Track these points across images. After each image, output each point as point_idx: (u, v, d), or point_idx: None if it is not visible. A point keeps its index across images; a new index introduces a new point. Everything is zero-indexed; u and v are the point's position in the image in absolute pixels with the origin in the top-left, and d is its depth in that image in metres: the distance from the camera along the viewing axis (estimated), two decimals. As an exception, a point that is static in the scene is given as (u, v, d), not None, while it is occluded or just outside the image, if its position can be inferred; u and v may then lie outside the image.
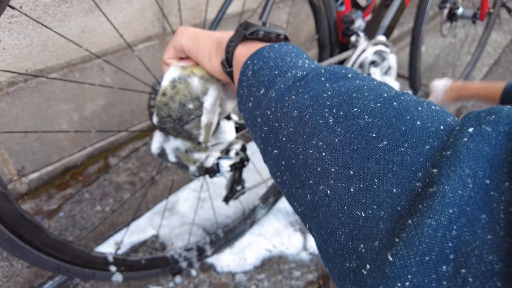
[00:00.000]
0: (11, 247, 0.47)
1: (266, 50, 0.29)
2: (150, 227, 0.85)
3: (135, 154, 1.02)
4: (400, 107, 0.20)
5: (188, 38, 0.37)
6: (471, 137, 0.16)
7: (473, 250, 0.14)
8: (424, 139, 0.18)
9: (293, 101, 0.24)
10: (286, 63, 0.28)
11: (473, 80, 1.66)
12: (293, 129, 0.23)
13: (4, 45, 0.65)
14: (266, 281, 0.79)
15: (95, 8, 0.75)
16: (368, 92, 0.22)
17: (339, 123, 0.21)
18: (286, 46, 0.30)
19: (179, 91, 0.40)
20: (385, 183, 0.18)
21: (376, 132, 0.19)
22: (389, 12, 0.82)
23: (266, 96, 0.27)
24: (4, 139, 0.75)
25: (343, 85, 0.23)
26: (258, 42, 0.32)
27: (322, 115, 0.22)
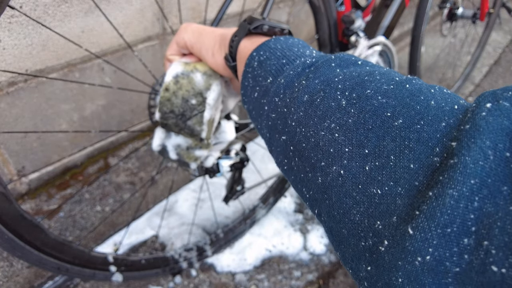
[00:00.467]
0: (11, 247, 0.47)
1: (272, 42, 0.29)
2: (148, 228, 0.85)
3: (135, 154, 1.02)
4: (413, 89, 0.20)
5: (191, 35, 0.37)
6: (489, 111, 0.16)
7: (495, 222, 0.14)
8: (440, 117, 0.18)
9: (304, 86, 0.24)
10: (293, 52, 0.28)
11: (473, 80, 1.67)
12: (303, 113, 0.23)
13: (4, 45, 0.65)
14: (266, 281, 0.79)
15: (95, 8, 0.75)
16: (380, 76, 0.22)
17: (353, 105, 0.21)
18: (292, 39, 0.30)
19: (182, 87, 0.40)
20: (402, 160, 0.17)
21: (391, 111, 0.19)
22: (389, 12, 0.82)
23: (274, 83, 0.27)
24: (4, 139, 0.75)
25: (354, 70, 0.23)
26: (262, 36, 0.32)
27: (335, 97, 0.22)
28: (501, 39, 2.12)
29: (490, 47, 1.99)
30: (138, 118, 1.03)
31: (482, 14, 1.23)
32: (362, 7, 0.78)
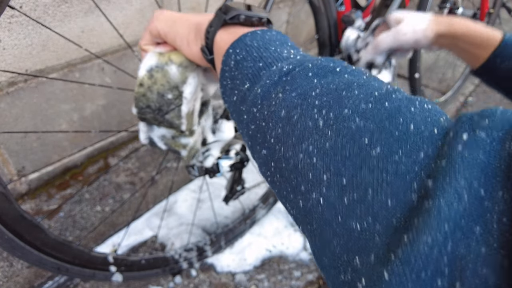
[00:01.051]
0: (11, 247, 0.47)
1: (248, 38, 0.28)
2: (147, 229, 0.85)
3: (135, 154, 1.02)
4: (392, 108, 0.19)
5: (164, 23, 0.35)
6: (465, 144, 0.16)
7: (467, 264, 0.14)
8: (419, 145, 0.17)
9: (280, 100, 0.23)
10: (270, 53, 0.26)
11: (473, 79, 1.67)
12: (281, 130, 0.22)
13: (4, 45, 0.65)
14: (266, 281, 0.79)
15: (95, 8, 0.75)
16: (359, 90, 0.21)
17: (330, 126, 0.20)
18: (270, 32, 0.28)
19: (157, 81, 0.38)
20: (379, 194, 0.17)
21: (369, 137, 0.18)
22: (389, 12, 0.82)
23: (251, 91, 0.25)
24: (4, 139, 0.75)
25: (332, 81, 0.22)
26: (239, 27, 0.30)
27: (311, 116, 0.21)
28: (501, 39, 2.12)
29: (490, 47, 1.99)
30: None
31: (482, 14, 1.23)
32: (362, 7, 0.78)
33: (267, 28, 0.29)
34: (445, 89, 1.57)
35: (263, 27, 0.31)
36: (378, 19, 0.66)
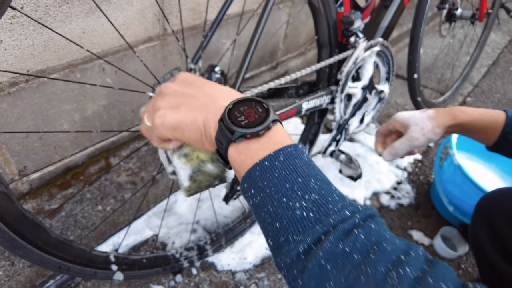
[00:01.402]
0: (12, 246, 0.47)
1: (259, 177, 0.28)
2: (147, 229, 0.85)
3: (136, 154, 1.03)
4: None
5: (172, 132, 0.34)
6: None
7: None
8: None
9: (301, 285, 0.25)
10: (283, 210, 0.27)
11: (472, 80, 1.67)
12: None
13: (6, 46, 0.66)
14: (266, 279, 0.79)
15: (96, 9, 0.76)
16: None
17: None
18: (279, 162, 0.28)
19: (202, 182, 0.40)
20: None
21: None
22: (388, 13, 0.83)
23: (276, 256, 0.27)
24: (5, 139, 0.76)
25: (342, 271, 0.24)
26: (249, 141, 0.30)
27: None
28: (500, 39, 2.12)
29: (489, 47, 2.00)
30: (139, 118, 1.04)
31: (481, 15, 1.24)
32: (361, 8, 0.78)
33: (274, 154, 0.28)
34: (444, 89, 1.57)
35: (272, 130, 0.30)
36: (378, 128, 0.72)
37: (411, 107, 1.40)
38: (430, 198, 1.06)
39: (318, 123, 0.92)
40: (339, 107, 0.81)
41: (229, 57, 1.19)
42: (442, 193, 0.95)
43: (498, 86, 1.68)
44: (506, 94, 1.62)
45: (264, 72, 1.46)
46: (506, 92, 1.63)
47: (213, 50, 1.15)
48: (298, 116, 0.91)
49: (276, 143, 0.29)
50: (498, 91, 1.64)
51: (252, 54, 0.58)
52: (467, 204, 0.88)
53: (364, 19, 0.78)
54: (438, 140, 0.54)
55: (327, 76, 0.81)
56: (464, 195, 0.88)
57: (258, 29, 0.58)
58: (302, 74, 0.64)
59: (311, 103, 0.74)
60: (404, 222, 0.98)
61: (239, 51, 1.23)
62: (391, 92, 0.90)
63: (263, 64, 1.43)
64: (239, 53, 1.23)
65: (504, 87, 1.67)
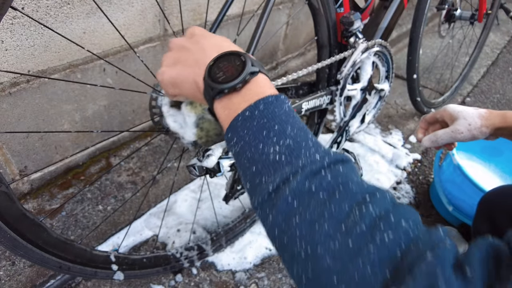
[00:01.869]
0: (13, 246, 0.47)
1: (240, 127, 0.30)
2: (147, 229, 0.85)
3: (137, 154, 1.03)
4: (355, 248, 0.23)
5: (173, 88, 0.36)
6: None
7: None
8: (372, 286, 0.22)
9: (271, 221, 0.27)
10: (259, 155, 0.28)
11: (471, 80, 1.67)
12: (278, 245, 0.27)
13: (7, 46, 0.66)
14: (266, 279, 0.79)
15: (96, 10, 0.76)
16: (328, 222, 0.25)
17: (309, 260, 0.25)
18: (258, 112, 0.29)
19: (209, 129, 0.42)
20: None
21: (336, 276, 0.23)
22: (388, 13, 0.83)
23: (252, 197, 0.29)
24: (6, 139, 0.76)
25: (308, 207, 0.26)
26: (231, 96, 0.31)
27: (296, 245, 0.26)
28: (499, 40, 2.13)
29: (488, 48, 2.00)
30: (140, 119, 1.04)
31: (480, 15, 1.24)
32: (361, 9, 0.78)
33: (254, 104, 0.30)
34: (443, 89, 1.58)
35: (251, 82, 0.32)
36: (428, 111, 0.71)
37: (410, 107, 1.40)
38: (430, 198, 1.06)
39: (318, 123, 0.92)
40: (338, 109, 0.82)
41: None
42: (442, 193, 0.96)
43: (497, 86, 1.68)
44: (505, 94, 1.63)
45: (264, 73, 1.46)
46: (505, 92, 1.64)
47: (213, 50, 1.15)
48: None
49: (257, 94, 0.30)
50: (497, 91, 1.64)
51: (252, 55, 0.58)
52: (466, 204, 0.88)
53: (364, 19, 0.79)
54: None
55: (327, 77, 0.82)
56: (463, 195, 0.89)
57: (258, 29, 0.58)
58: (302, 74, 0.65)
59: (311, 103, 0.74)
60: (403, 222, 0.98)
61: (239, 52, 1.23)
62: (390, 92, 0.90)
63: (263, 64, 1.43)
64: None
65: (503, 87, 1.68)
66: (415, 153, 1.22)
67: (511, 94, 1.63)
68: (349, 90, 0.80)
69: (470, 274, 0.21)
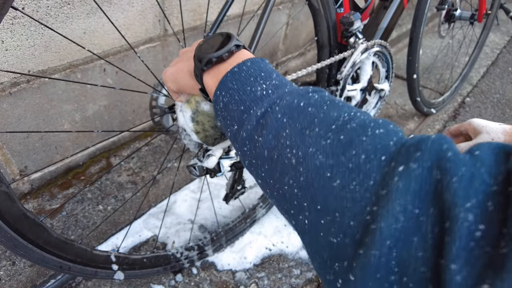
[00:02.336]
0: (13, 246, 0.47)
1: (229, 79, 0.31)
2: (145, 230, 0.85)
3: (137, 154, 1.03)
4: (347, 141, 0.23)
5: (171, 83, 0.41)
6: (400, 176, 0.20)
7: (410, 264, 0.19)
8: (369, 174, 0.22)
9: (261, 142, 0.28)
10: (247, 95, 0.30)
11: (471, 80, 1.68)
12: (268, 167, 0.27)
13: (7, 46, 0.66)
14: (266, 279, 0.80)
15: (96, 10, 0.76)
16: (319, 126, 0.25)
17: (300, 163, 0.25)
18: (246, 66, 0.32)
19: (204, 122, 0.44)
20: (344, 217, 0.22)
21: (330, 171, 0.23)
22: (388, 14, 0.83)
23: (239, 134, 0.30)
24: (6, 139, 0.76)
25: (297, 119, 0.27)
26: (217, 66, 0.34)
27: (286, 155, 0.26)
28: (499, 40, 2.13)
29: (488, 48, 2.00)
30: (140, 119, 1.04)
31: (480, 15, 1.24)
32: (361, 9, 0.79)
33: (242, 62, 0.32)
34: (443, 89, 1.58)
35: (237, 53, 0.34)
36: (451, 124, 0.70)
37: (410, 107, 1.40)
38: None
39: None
40: None
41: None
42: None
43: (497, 87, 1.68)
44: (505, 94, 1.63)
45: (264, 73, 1.46)
46: (505, 92, 1.64)
47: (213, 50, 1.15)
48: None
49: (243, 58, 0.33)
50: (497, 92, 1.64)
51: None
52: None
53: (364, 20, 0.79)
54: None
55: (327, 77, 0.82)
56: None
57: (258, 30, 0.58)
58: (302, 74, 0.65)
59: (311, 103, 0.74)
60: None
61: (239, 52, 1.23)
62: (390, 92, 0.91)
63: (263, 65, 1.43)
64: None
65: (503, 88, 1.68)
66: (415, 153, 1.22)
67: (511, 94, 1.63)
68: (349, 91, 0.80)
69: (479, 153, 0.20)
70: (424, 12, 1.06)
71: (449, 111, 1.46)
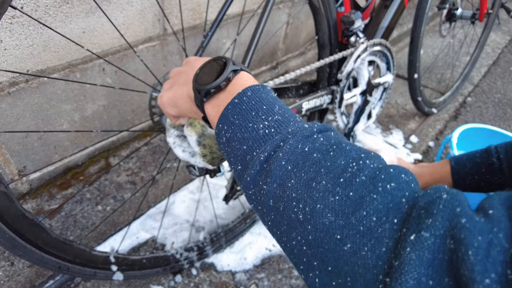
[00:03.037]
0: (12, 246, 0.47)
1: (230, 113, 0.30)
2: (143, 231, 0.84)
3: (136, 154, 1.03)
4: (357, 198, 0.22)
5: (170, 109, 0.39)
6: (412, 246, 0.19)
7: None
8: (381, 239, 0.20)
9: (266, 191, 0.26)
10: (249, 133, 0.29)
11: (472, 80, 1.67)
12: (274, 217, 0.26)
13: (6, 46, 0.66)
14: (266, 280, 0.79)
15: (96, 9, 0.76)
16: (326, 178, 0.24)
17: (308, 220, 0.23)
18: (246, 97, 0.30)
19: (211, 145, 0.43)
20: (356, 283, 0.21)
21: (340, 233, 0.22)
22: (389, 13, 0.83)
23: (243, 177, 0.29)
24: (5, 139, 0.76)
25: (302, 168, 0.25)
26: (218, 95, 0.33)
27: (293, 209, 0.24)
28: (500, 39, 2.12)
29: (489, 47, 2.00)
30: (139, 118, 1.04)
31: (481, 15, 1.24)
32: (361, 8, 0.78)
33: (242, 91, 0.31)
34: (444, 89, 1.57)
35: (235, 79, 0.33)
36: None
37: (411, 107, 1.40)
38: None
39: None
40: (340, 119, 0.82)
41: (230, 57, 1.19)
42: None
43: (499, 86, 1.68)
44: (507, 94, 1.62)
45: (265, 72, 1.45)
46: (506, 92, 1.63)
47: (214, 50, 1.15)
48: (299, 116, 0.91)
49: (243, 86, 0.32)
50: (498, 91, 1.64)
51: (253, 54, 0.58)
52: (467, 204, 0.88)
53: (365, 19, 0.78)
54: (439, 140, 0.62)
55: (327, 76, 0.81)
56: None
57: (258, 29, 0.58)
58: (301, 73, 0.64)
59: (311, 103, 0.74)
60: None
61: (239, 51, 1.22)
62: (391, 92, 0.90)
63: (264, 64, 1.43)
64: (239, 53, 1.23)
65: (505, 87, 1.67)
66: (416, 153, 1.21)
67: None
68: (348, 100, 0.80)
69: (493, 213, 0.19)
70: (425, 11, 1.05)
71: (450, 111, 1.45)
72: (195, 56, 0.42)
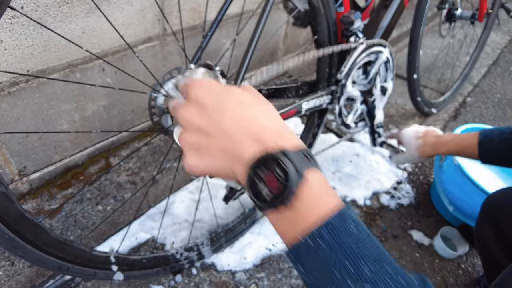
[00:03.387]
0: (12, 247, 0.47)
1: (304, 258, 0.26)
2: (142, 232, 0.84)
3: (136, 154, 1.03)
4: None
5: (206, 174, 0.32)
6: None
7: None
8: None
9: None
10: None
11: (472, 80, 1.67)
12: None
13: (5, 46, 0.66)
14: (266, 279, 0.79)
15: (95, 9, 0.76)
16: None
17: None
18: (324, 243, 0.25)
19: None
20: None
21: None
22: (388, 13, 0.83)
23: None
24: (5, 139, 0.76)
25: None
26: (283, 211, 0.27)
27: None
28: (500, 39, 2.12)
29: (489, 47, 2.00)
30: (139, 118, 1.04)
31: (481, 15, 1.24)
32: (361, 8, 0.78)
33: (317, 230, 0.26)
34: (444, 89, 1.57)
35: (300, 191, 0.27)
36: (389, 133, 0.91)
37: (411, 107, 1.40)
38: (430, 198, 1.06)
39: (318, 124, 0.92)
40: (351, 117, 0.84)
41: (229, 57, 1.19)
42: (442, 193, 0.95)
43: (498, 86, 1.68)
44: (506, 94, 1.62)
45: (264, 72, 1.45)
46: (506, 92, 1.63)
47: (213, 50, 1.15)
48: (298, 116, 0.91)
49: (312, 208, 0.26)
50: (498, 91, 1.64)
51: (252, 54, 0.58)
52: (467, 204, 0.88)
53: (364, 19, 0.78)
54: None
55: (327, 76, 0.81)
56: (464, 195, 0.88)
57: (258, 29, 0.58)
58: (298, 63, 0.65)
59: (311, 103, 0.74)
60: (404, 222, 0.98)
61: (239, 51, 1.23)
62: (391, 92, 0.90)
63: (263, 64, 1.43)
64: (239, 53, 1.23)
65: (504, 87, 1.67)
66: (415, 153, 1.21)
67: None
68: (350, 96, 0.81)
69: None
70: (424, 11, 1.05)
71: (450, 111, 1.46)
72: (202, 88, 0.32)
